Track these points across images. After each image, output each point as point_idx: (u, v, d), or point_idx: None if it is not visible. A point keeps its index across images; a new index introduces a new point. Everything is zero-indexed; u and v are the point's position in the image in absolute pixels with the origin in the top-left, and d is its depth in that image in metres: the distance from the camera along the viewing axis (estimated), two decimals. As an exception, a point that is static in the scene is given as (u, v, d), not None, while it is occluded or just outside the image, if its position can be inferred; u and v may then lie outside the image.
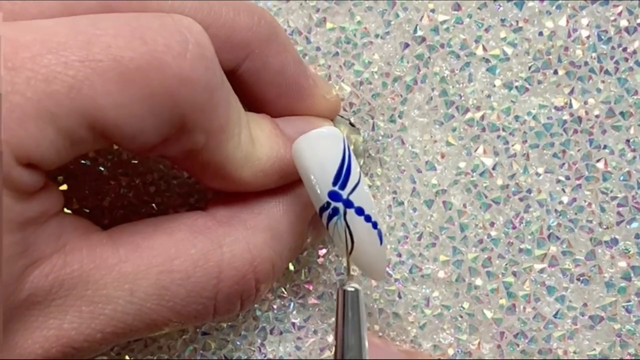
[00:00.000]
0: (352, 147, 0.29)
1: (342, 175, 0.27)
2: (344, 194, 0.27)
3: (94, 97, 0.23)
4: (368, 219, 0.28)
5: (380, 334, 0.33)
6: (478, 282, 0.33)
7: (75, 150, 0.24)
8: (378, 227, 0.28)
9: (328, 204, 0.27)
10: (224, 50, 0.27)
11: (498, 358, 0.33)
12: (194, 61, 0.24)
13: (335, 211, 0.28)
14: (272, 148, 0.28)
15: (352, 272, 0.29)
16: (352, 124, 0.32)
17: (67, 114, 0.23)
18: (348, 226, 0.28)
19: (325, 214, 0.28)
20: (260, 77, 0.29)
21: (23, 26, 0.23)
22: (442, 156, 0.33)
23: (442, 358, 0.33)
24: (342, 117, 0.32)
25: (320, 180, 0.27)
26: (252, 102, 0.30)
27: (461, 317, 0.33)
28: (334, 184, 0.27)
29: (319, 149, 0.27)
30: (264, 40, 0.28)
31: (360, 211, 0.28)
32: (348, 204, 0.27)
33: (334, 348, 0.33)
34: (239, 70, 0.28)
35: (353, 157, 0.28)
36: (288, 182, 0.29)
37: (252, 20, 0.28)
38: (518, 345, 0.33)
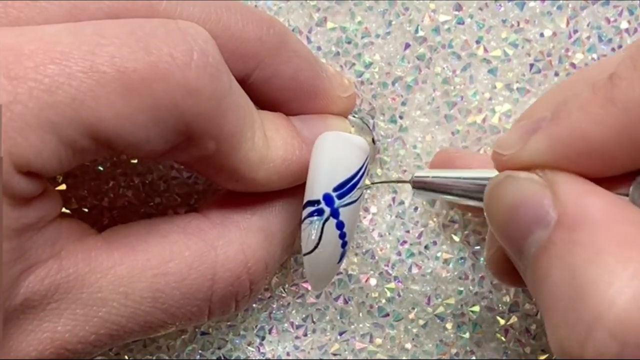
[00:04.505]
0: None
1: (346, 186, 0.27)
2: (337, 203, 0.28)
3: (97, 108, 0.23)
4: (342, 235, 0.28)
5: (382, 332, 0.33)
6: (481, 279, 0.33)
7: (78, 159, 0.24)
8: (346, 247, 0.29)
9: (318, 202, 0.28)
10: (233, 61, 0.27)
11: (502, 357, 0.33)
12: (199, 70, 0.24)
13: (320, 212, 0.28)
14: (287, 150, 0.28)
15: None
16: (368, 127, 0.32)
17: (69, 125, 0.23)
18: (322, 231, 0.28)
19: (310, 210, 0.28)
20: (272, 84, 0.29)
21: (27, 33, 0.23)
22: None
23: (444, 357, 0.33)
24: (354, 116, 0.32)
25: (325, 179, 0.27)
26: (266, 106, 0.29)
27: (464, 314, 0.33)
28: (335, 189, 0.27)
29: (340, 152, 0.28)
30: (273, 49, 0.28)
31: (340, 225, 0.28)
32: (335, 213, 0.28)
33: (334, 345, 0.33)
34: (249, 80, 0.28)
35: (364, 177, 0.28)
36: (302, 182, 0.29)
37: (261, 30, 0.28)
38: (522, 343, 0.33)
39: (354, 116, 0.32)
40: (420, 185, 0.28)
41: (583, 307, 0.21)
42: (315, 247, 0.28)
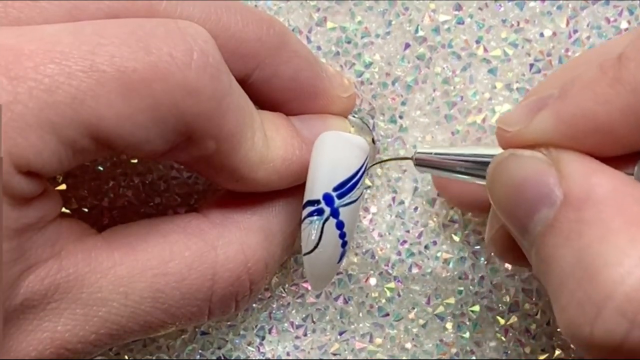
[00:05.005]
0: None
1: (346, 186, 0.27)
2: (337, 203, 0.28)
3: (96, 108, 0.23)
4: (342, 235, 0.28)
5: (382, 331, 0.33)
6: (480, 279, 0.33)
7: (78, 159, 0.24)
8: (346, 247, 0.29)
9: (318, 202, 0.28)
10: (232, 61, 0.27)
11: (502, 357, 0.33)
12: (199, 70, 0.24)
13: (320, 212, 0.28)
14: (287, 150, 0.28)
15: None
16: (368, 127, 0.32)
17: (69, 124, 0.23)
18: (322, 231, 0.28)
19: (309, 209, 0.28)
20: (272, 84, 0.29)
21: (26, 33, 0.23)
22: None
23: (444, 357, 0.33)
24: (354, 116, 0.32)
25: (325, 179, 0.27)
26: (266, 106, 0.29)
27: (464, 314, 0.33)
28: (335, 189, 0.27)
29: (340, 152, 0.28)
30: (273, 49, 0.28)
31: (340, 225, 0.28)
32: (335, 213, 0.28)
33: (334, 345, 0.33)
34: (249, 80, 0.28)
35: (364, 177, 0.28)
36: (302, 182, 0.29)
37: (260, 30, 0.28)
38: (522, 343, 0.33)
39: (353, 116, 0.32)
40: (422, 163, 0.28)
41: (592, 286, 0.21)
42: (315, 247, 0.28)
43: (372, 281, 0.33)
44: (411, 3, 0.33)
